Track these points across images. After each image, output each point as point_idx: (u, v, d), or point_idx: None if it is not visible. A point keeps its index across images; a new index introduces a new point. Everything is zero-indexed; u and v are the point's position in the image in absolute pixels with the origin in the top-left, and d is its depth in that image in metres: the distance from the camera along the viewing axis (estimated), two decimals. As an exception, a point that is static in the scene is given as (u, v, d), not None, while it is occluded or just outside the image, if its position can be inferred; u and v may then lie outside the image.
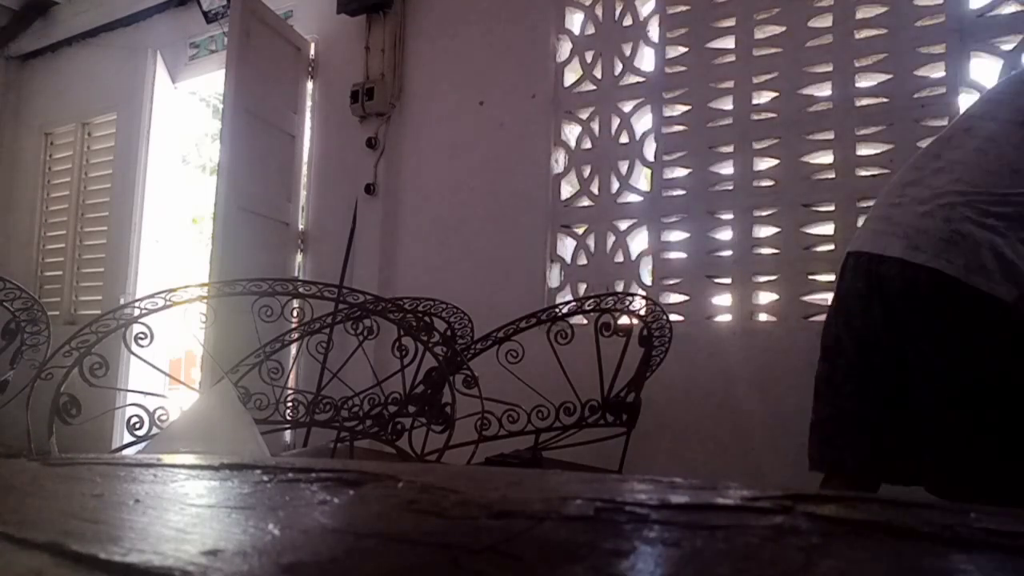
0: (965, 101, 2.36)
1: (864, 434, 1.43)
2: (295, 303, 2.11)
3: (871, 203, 2.44)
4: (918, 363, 1.35)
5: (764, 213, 2.68)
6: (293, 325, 2.52)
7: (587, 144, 3.13)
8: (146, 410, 1.65)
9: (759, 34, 2.76)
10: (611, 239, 3.01)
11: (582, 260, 3.09)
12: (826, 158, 2.59)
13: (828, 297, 2.53)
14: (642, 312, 2.42)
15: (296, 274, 3.92)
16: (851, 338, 1.46)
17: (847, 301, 1.48)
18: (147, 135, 4.76)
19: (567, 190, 3.19)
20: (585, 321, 2.55)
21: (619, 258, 2.98)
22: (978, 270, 1.24)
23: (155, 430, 1.64)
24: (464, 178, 3.43)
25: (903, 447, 1.40)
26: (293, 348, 2.68)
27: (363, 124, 3.71)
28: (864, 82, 2.56)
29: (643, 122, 3.02)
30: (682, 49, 2.93)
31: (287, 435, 3.45)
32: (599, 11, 3.15)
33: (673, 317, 2.61)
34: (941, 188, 1.33)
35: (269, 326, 1.83)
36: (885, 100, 2.49)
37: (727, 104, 2.80)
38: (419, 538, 0.43)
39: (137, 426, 1.64)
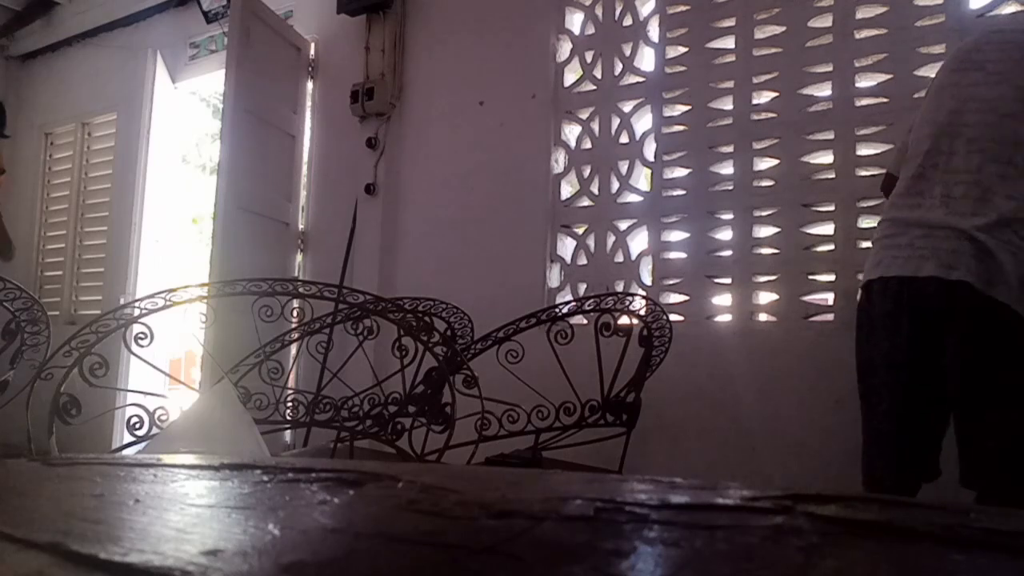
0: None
1: (897, 449, 1.57)
2: (295, 303, 2.11)
3: (871, 203, 2.45)
4: (962, 369, 1.48)
5: (764, 213, 2.68)
6: (293, 325, 2.52)
7: (587, 144, 3.13)
8: (146, 410, 1.65)
9: (759, 34, 2.76)
10: (611, 239, 3.01)
11: (582, 260, 3.09)
12: (826, 158, 2.59)
13: (828, 297, 2.54)
14: (642, 312, 2.42)
15: (296, 274, 3.92)
16: (881, 358, 1.59)
17: (876, 323, 1.61)
18: (147, 135, 4.76)
19: (567, 190, 3.19)
20: (585, 321, 2.55)
21: (619, 258, 2.98)
22: (1002, 286, 1.42)
23: (155, 430, 1.64)
24: (464, 178, 3.43)
25: (927, 453, 1.56)
26: (293, 348, 2.68)
27: (363, 124, 3.71)
28: (864, 82, 2.56)
29: (643, 122, 3.01)
30: (682, 49, 2.93)
31: (287, 435, 3.45)
32: (599, 11, 3.15)
33: (673, 317, 2.61)
34: (960, 222, 1.48)
35: (269, 326, 1.83)
36: (885, 100, 2.49)
37: (727, 104, 2.80)
38: (419, 538, 0.43)
39: (137, 426, 1.64)
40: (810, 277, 2.56)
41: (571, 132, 3.21)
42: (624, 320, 2.38)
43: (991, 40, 1.64)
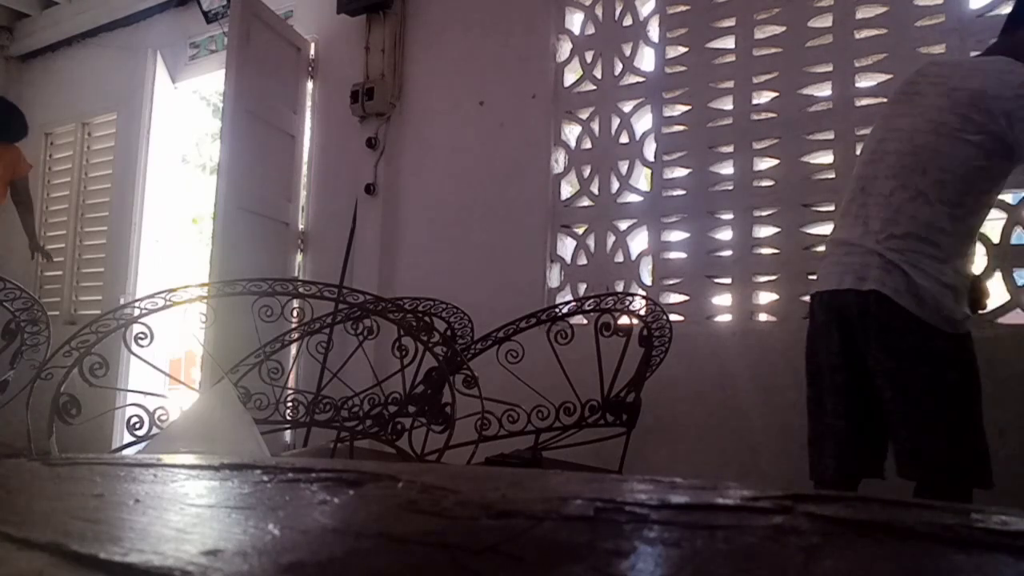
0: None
1: (836, 445, 1.72)
2: (295, 303, 2.11)
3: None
4: (878, 368, 1.64)
5: (764, 213, 2.67)
6: (293, 325, 2.52)
7: (587, 144, 3.13)
8: (146, 410, 1.65)
9: (759, 34, 2.76)
10: (611, 239, 3.01)
11: (582, 260, 3.09)
12: (826, 158, 2.59)
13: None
14: (642, 312, 2.42)
15: (296, 274, 3.92)
16: (820, 364, 1.78)
17: (817, 333, 1.80)
18: (147, 135, 4.76)
19: (567, 190, 3.19)
20: (585, 321, 2.55)
21: (619, 258, 2.98)
22: (905, 293, 1.59)
23: (155, 430, 1.64)
24: (464, 178, 3.43)
25: (865, 449, 1.71)
26: (293, 348, 2.68)
27: (363, 124, 3.71)
28: (864, 82, 2.56)
29: (643, 122, 3.01)
30: (682, 49, 2.93)
31: (287, 435, 3.45)
32: (599, 11, 3.15)
33: (673, 317, 2.61)
34: (870, 239, 1.66)
35: (269, 326, 1.83)
36: (885, 100, 2.48)
37: (727, 104, 2.80)
38: (419, 538, 0.43)
39: (137, 426, 1.64)
40: (810, 277, 2.55)
41: (571, 132, 3.21)
42: (624, 320, 2.38)
43: (925, 73, 1.79)
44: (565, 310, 2.42)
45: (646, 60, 3.04)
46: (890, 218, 1.64)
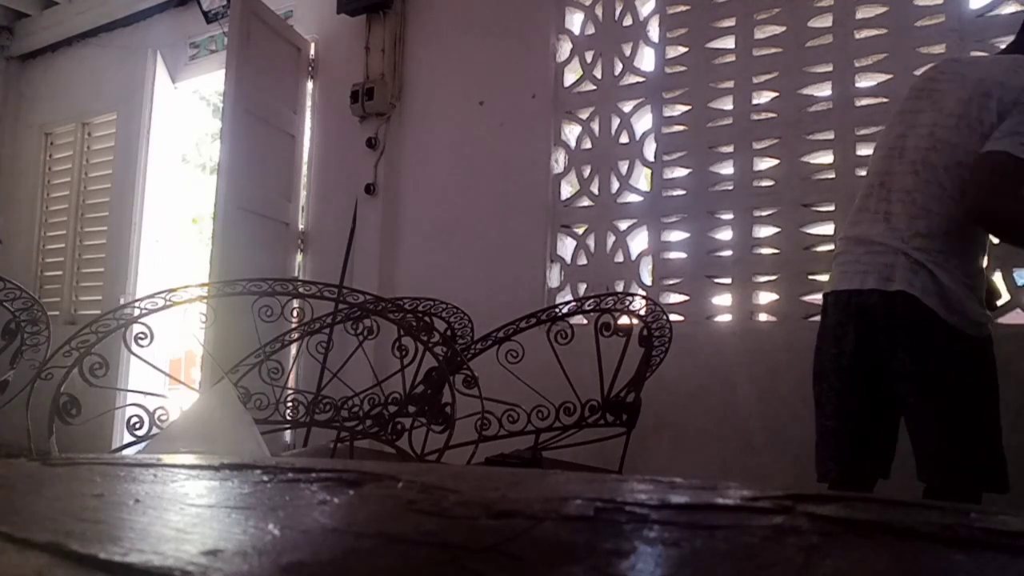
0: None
1: (842, 446, 1.71)
2: (295, 303, 2.11)
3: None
4: (902, 370, 1.60)
5: (764, 213, 2.67)
6: (293, 325, 2.52)
7: (587, 144, 3.13)
8: (146, 410, 1.65)
9: (759, 34, 2.76)
10: (611, 239, 3.01)
11: (582, 260, 3.09)
12: (826, 158, 2.59)
13: (828, 297, 2.54)
14: (642, 312, 2.42)
15: (296, 274, 3.92)
16: (831, 364, 1.74)
17: (828, 333, 1.76)
18: (147, 135, 4.76)
19: (567, 190, 3.19)
20: (585, 321, 2.55)
21: (619, 258, 2.98)
22: (932, 295, 1.56)
23: (155, 430, 1.64)
24: (464, 178, 3.43)
25: (873, 450, 1.69)
26: (293, 348, 2.68)
27: (363, 124, 3.71)
28: (864, 82, 2.56)
29: (643, 122, 3.01)
30: (682, 49, 2.93)
31: (287, 435, 3.45)
32: (599, 11, 3.15)
33: (673, 317, 2.61)
34: (895, 238, 1.62)
35: (269, 326, 1.83)
36: (885, 100, 2.49)
37: (727, 104, 2.80)
38: (419, 538, 0.43)
39: (137, 426, 1.64)
40: (810, 277, 2.56)
41: (571, 132, 3.21)
42: (624, 320, 2.38)
43: (944, 70, 1.76)
44: (565, 310, 2.42)
45: (646, 60, 3.04)
46: (915, 215, 1.60)
